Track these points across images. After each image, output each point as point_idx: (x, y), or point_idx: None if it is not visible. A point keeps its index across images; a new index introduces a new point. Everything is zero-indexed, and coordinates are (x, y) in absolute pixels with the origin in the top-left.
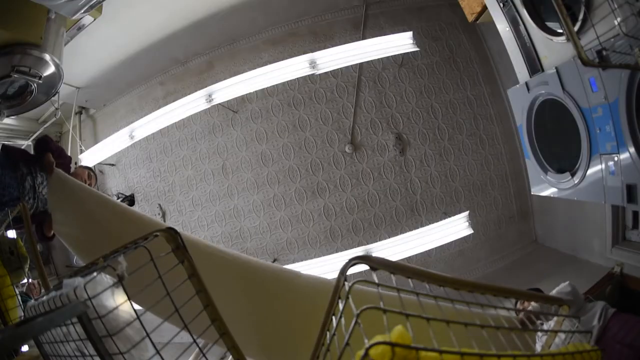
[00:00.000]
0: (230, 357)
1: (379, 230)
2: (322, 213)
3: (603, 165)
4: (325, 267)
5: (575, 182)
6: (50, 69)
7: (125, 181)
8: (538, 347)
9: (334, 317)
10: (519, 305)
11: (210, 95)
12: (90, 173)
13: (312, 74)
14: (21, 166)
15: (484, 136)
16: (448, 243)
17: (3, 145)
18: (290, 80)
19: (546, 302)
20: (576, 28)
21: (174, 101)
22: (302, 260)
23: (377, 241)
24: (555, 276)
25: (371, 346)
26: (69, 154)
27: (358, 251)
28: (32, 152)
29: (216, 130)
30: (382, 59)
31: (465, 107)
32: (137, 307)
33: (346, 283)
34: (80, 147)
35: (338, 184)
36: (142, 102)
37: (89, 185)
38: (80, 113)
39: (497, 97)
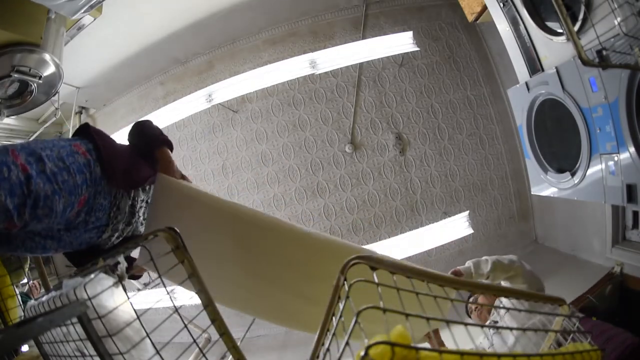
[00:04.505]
0: (230, 357)
1: (379, 230)
2: (322, 213)
3: (603, 165)
4: None
5: (575, 182)
6: (50, 69)
7: None
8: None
9: (334, 318)
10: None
11: (210, 95)
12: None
13: (312, 74)
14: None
15: (484, 136)
16: (448, 243)
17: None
18: (290, 80)
19: (545, 302)
20: (576, 28)
21: (174, 101)
22: None
23: (377, 241)
24: (555, 276)
25: (371, 346)
26: None
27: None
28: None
29: (216, 130)
30: (382, 58)
31: (465, 107)
32: (137, 307)
33: (346, 282)
34: None
35: (338, 184)
36: (142, 102)
37: None
38: (80, 113)
39: (497, 97)
